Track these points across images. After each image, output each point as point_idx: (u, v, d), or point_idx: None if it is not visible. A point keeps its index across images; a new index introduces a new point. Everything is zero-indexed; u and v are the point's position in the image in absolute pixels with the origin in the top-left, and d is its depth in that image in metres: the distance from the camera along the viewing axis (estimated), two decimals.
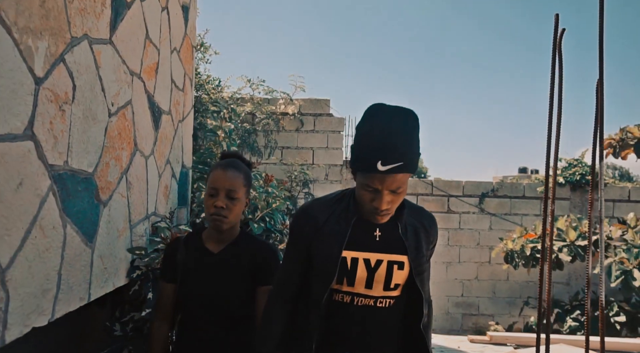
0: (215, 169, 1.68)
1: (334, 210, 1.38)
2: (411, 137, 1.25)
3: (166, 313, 1.68)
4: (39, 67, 1.31)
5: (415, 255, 1.35)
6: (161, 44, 2.38)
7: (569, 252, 5.37)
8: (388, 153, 1.20)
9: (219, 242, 1.66)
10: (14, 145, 1.20)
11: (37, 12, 1.29)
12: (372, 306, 1.35)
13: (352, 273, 1.32)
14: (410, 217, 1.39)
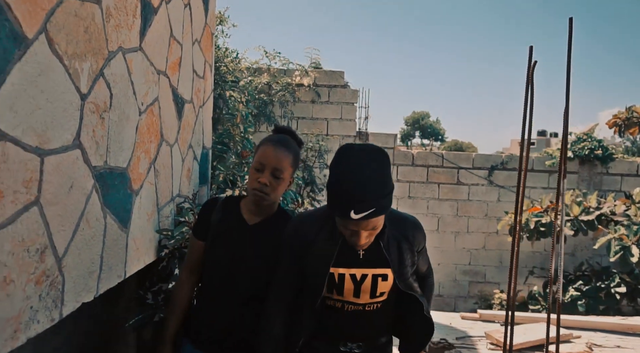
0: (266, 143, 1.63)
1: (322, 229, 1.46)
2: (380, 181, 1.28)
3: (194, 266, 1.72)
4: (84, 85, 1.51)
5: (398, 268, 1.46)
6: (184, 39, 2.55)
7: (572, 226, 5.54)
8: (359, 203, 1.25)
9: (256, 215, 1.67)
10: (65, 155, 1.43)
11: (82, 38, 1.48)
12: (362, 310, 1.49)
13: (340, 286, 1.46)
14: (393, 230, 1.46)
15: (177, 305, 1.72)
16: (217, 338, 1.65)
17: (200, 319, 1.69)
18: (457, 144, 50.51)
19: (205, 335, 1.66)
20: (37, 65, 1.25)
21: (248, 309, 1.62)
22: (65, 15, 1.38)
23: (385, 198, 1.28)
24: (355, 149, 1.31)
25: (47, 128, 1.31)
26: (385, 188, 1.28)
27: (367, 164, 1.28)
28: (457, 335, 2.33)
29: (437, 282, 7.33)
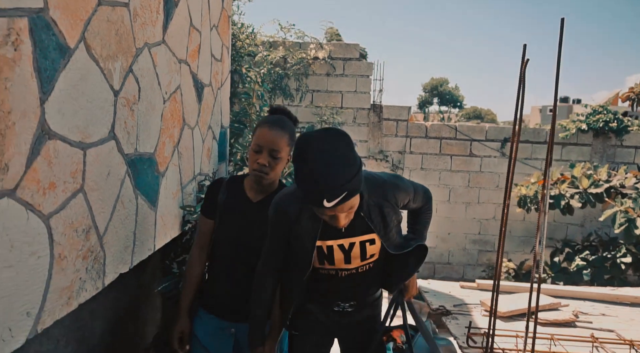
0: (262, 125, 1.69)
1: (303, 208, 1.49)
2: (345, 164, 1.29)
3: (204, 243, 1.83)
4: (116, 82, 1.70)
5: (384, 232, 1.51)
6: (202, 26, 2.69)
7: (580, 198, 5.65)
8: (329, 191, 1.26)
9: (258, 192, 1.76)
10: (103, 147, 1.63)
11: (113, 40, 1.65)
12: (354, 273, 1.57)
13: (330, 256, 1.53)
14: (372, 198, 1.49)
15: (190, 280, 1.83)
16: (227, 304, 1.78)
17: (212, 290, 1.82)
18: (475, 110, 49.70)
19: (218, 303, 1.80)
20: (78, 70, 1.44)
21: (251, 278, 1.72)
22: (99, 22, 1.55)
23: (354, 180, 1.29)
24: (314, 139, 1.31)
25: (87, 125, 1.51)
26: (352, 170, 1.29)
27: (329, 152, 1.28)
28: (455, 303, 2.54)
29: (448, 250, 7.55)
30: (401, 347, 1.60)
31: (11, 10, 1.13)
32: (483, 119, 45.63)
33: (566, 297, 2.67)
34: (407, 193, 1.59)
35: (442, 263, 7.53)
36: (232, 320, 1.78)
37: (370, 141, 7.17)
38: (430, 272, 7.45)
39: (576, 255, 6.56)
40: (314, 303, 1.67)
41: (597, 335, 2.19)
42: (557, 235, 7.22)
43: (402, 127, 7.24)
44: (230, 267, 1.77)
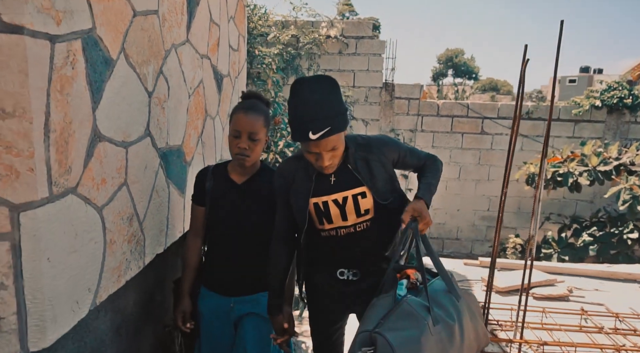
0: (237, 111, 1.80)
1: (298, 168, 1.64)
2: (331, 102, 1.43)
3: (198, 230, 1.94)
4: (150, 84, 1.89)
5: (372, 183, 1.60)
6: (221, 19, 2.85)
7: (589, 176, 5.76)
8: (314, 123, 1.39)
9: (242, 175, 1.88)
10: (141, 144, 1.84)
11: (146, 46, 1.84)
12: (353, 232, 1.64)
13: (327, 213, 1.63)
14: (359, 152, 1.61)
15: (189, 265, 1.95)
16: (224, 282, 1.90)
17: (210, 270, 1.94)
18: (491, 82, 48.91)
19: (216, 281, 1.92)
20: (120, 78, 1.63)
21: (253, 253, 1.86)
22: (135, 32, 1.73)
23: (338, 118, 1.43)
24: (305, 80, 1.45)
25: (128, 126, 1.71)
26: (336, 108, 1.44)
27: (316, 90, 1.42)
28: (457, 279, 2.75)
29: (457, 227, 7.73)
30: (415, 284, 1.52)
31: (69, 34, 1.32)
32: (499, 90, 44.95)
33: (564, 274, 2.86)
34: (394, 148, 1.66)
35: (450, 239, 7.73)
36: (230, 295, 1.89)
37: (382, 120, 7.29)
38: (439, 248, 7.67)
39: (584, 231, 6.70)
40: (320, 273, 1.74)
41: (588, 308, 2.39)
42: (566, 211, 7.35)
43: (413, 106, 7.35)
44: (224, 247, 1.89)
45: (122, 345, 1.81)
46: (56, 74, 1.27)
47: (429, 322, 1.35)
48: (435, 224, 7.85)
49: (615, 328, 2.18)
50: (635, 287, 2.76)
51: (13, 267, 1.22)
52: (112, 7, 1.54)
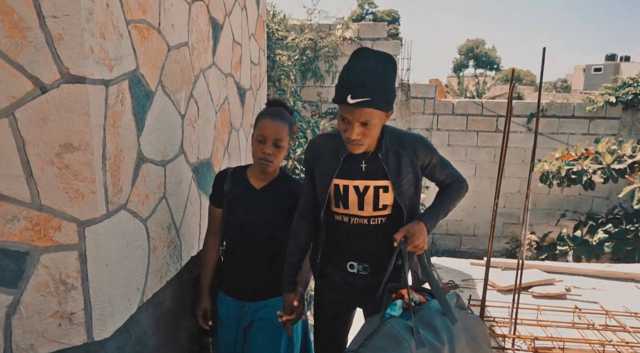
0: (263, 117, 1.83)
1: (331, 145, 1.62)
2: (382, 78, 1.40)
3: (216, 231, 1.98)
4: (182, 108, 2.15)
5: (396, 178, 1.56)
6: (242, 38, 3.10)
7: (603, 173, 5.85)
8: (357, 89, 1.36)
9: (262, 180, 1.91)
10: (176, 161, 2.10)
11: (179, 75, 2.09)
12: (366, 224, 1.62)
13: (345, 197, 1.61)
14: (392, 144, 1.58)
15: (207, 264, 2.01)
16: (240, 286, 1.95)
17: (228, 272, 1.99)
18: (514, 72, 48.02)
19: (232, 285, 1.97)
20: (158, 107, 1.89)
21: (266, 259, 1.90)
22: (169, 64, 1.99)
23: (382, 94, 1.40)
24: (367, 49, 1.45)
25: (165, 147, 1.97)
26: (384, 85, 1.40)
27: (373, 61, 1.41)
28: (463, 278, 2.96)
29: (473, 223, 7.89)
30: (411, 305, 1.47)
31: (119, 77, 1.57)
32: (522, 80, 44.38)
33: (564, 273, 3.04)
34: (428, 151, 1.62)
35: (468, 235, 7.89)
36: (246, 300, 1.95)
37: (399, 119, 7.47)
38: (457, 244, 7.84)
39: (599, 228, 6.78)
40: (330, 263, 1.74)
41: (583, 306, 2.58)
42: (581, 208, 7.44)
43: (429, 105, 7.50)
44: (241, 251, 1.93)
45: (161, 336, 2.08)
46: (110, 111, 1.53)
47: (411, 344, 1.33)
48: (452, 221, 8.01)
49: (605, 325, 2.37)
50: (631, 286, 2.93)
51: (80, 271, 1.49)
52: (151, 47, 1.80)
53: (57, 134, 1.40)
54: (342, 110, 1.44)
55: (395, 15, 31.80)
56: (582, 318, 2.49)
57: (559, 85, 44.27)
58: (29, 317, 1.48)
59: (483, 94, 25.75)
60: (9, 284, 1.44)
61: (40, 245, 1.45)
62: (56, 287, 1.48)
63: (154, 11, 1.80)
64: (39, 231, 1.44)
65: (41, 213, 1.43)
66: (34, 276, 1.46)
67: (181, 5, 2.06)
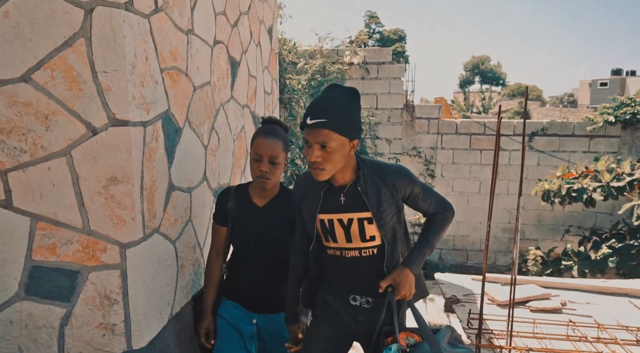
0: (258, 136, 1.87)
1: (312, 183, 1.66)
2: (341, 105, 1.49)
3: (220, 249, 2.00)
4: (205, 139, 2.39)
5: (377, 210, 1.58)
6: (257, 71, 3.35)
7: (602, 191, 6.00)
8: (315, 112, 1.47)
9: (263, 197, 1.95)
10: (200, 187, 2.33)
11: (202, 111, 2.33)
12: (359, 256, 1.65)
13: (332, 231, 1.64)
14: (371, 176, 1.62)
15: (211, 282, 2.00)
16: (247, 299, 1.97)
17: (233, 288, 2.01)
18: (520, 87, 48.64)
19: (238, 298, 1.99)
20: (185, 141, 2.13)
21: (275, 272, 1.94)
22: (195, 102, 2.23)
23: (340, 119, 1.48)
24: (335, 85, 1.57)
25: (191, 175, 2.20)
26: (342, 111, 1.49)
27: (336, 92, 1.53)
28: (465, 293, 3.13)
29: (479, 239, 8.03)
30: (405, 350, 1.53)
31: (154, 118, 1.81)
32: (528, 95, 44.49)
33: (560, 288, 3.21)
34: (409, 182, 1.65)
35: (474, 250, 8.03)
36: (254, 311, 1.96)
37: (404, 139, 7.70)
38: (464, 259, 7.98)
39: (603, 243, 6.88)
40: (331, 293, 1.76)
41: (577, 320, 2.75)
42: (585, 223, 7.56)
43: (433, 125, 7.73)
44: (246, 267, 1.96)
45: (182, 348, 2.28)
46: (147, 148, 1.76)
47: None
48: (459, 237, 8.16)
49: (598, 337, 2.54)
50: (624, 301, 3.09)
51: (122, 288, 1.71)
52: (180, 89, 2.05)
53: (104, 169, 1.63)
54: (305, 134, 1.53)
55: (402, 34, 32.35)
56: (575, 331, 2.65)
57: (566, 100, 44.41)
58: (79, 328, 1.70)
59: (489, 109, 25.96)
60: (63, 299, 1.67)
61: (89, 264, 1.67)
62: (101, 302, 1.70)
63: (182, 58, 2.05)
64: (88, 252, 1.66)
65: (90, 237, 1.66)
66: (84, 292, 1.68)
67: (205, 49, 2.31)
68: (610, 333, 2.57)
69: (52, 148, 1.59)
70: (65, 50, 1.53)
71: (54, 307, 1.66)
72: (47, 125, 1.57)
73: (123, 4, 1.55)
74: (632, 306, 3.00)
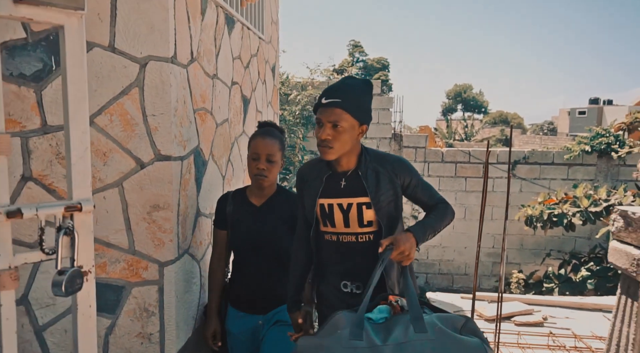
0: (255, 137, 1.98)
1: (314, 170, 1.75)
2: (355, 90, 1.59)
3: (221, 252, 2.10)
4: (223, 170, 2.66)
5: (375, 194, 1.63)
6: (263, 106, 3.67)
7: (581, 216, 6.39)
8: (330, 93, 1.58)
9: (261, 197, 2.04)
10: None
11: (222, 145, 2.62)
12: (355, 242, 1.68)
13: (331, 215, 1.69)
14: (373, 163, 1.68)
15: (214, 287, 2.10)
16: (250, 300, 2.05)
17: (236, 290, 2.08)
18: (501, 115, 49.96)
19: (242, 300, 2.07)
20: (209, 171, 2.40)
21: (276, 271, 2.01)
22: (217, 138, 2.52)
23: (353, 101, 1.57)
24: (350, 76, 1.70)
25: (212, 202, 2.47)
26: (356, 95, 1.59)
27: (351, 80, 1.64)
28: (455, 310, 3.40)
29: (464, 263, 8.33)
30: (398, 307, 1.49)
31: (188, 153, 2.09)
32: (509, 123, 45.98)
33: (541, 304, 3.51)
34: (407, 171, 1.71)
35: (459, 274, 8.32)
36: (257, 313, 2.05)
37: None
38: (450, 283, 8.25)
39: (582, 266, 7.25)
40: (324, 283, 1.80)
41: (557, 332, 3.05)
42: (565, 247, 7.93)
43: (420, 153, 8.11)
44: (247, 268, 2.03)
45: None
46: (182, 179, 2.04)
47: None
48: (444, 261, 8.45)
49: (575, 347, 2.83)
50: (599, 315, 3.40)
51: (158, 301, 1.95)
52: (207, 127, 2.34)
53: (149, 198, 1.90)
54: (318, 114, 1.61)
55: (385, 63, 33.20)
56: (555, 341, 2.95)
57: (546, 128, 45.70)
58: (121, 336, 1.93)
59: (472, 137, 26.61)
60: (109, 311, 1.90)
61: (133, 280, 1.92)
62: (141, 313, 1.94)
63: (209, 99, 2.35)
64: (132, 270, 1.91)
65: (134, 257, 1.91)
66: (127, 304, 1.92)
67: (224, 90, 2.62)
68: (586, 342, 2.86)
69: (108, 180, 1.85)
70: (122, 98, 1.81)
71: (101, 318, 1.89)
72: (105, 161, 1.84)
73: (170, 58, 1.85)
74: (606, 320, 3.30)
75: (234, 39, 2.77)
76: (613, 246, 2.08)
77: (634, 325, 1.92)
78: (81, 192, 1.01)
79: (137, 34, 1.81)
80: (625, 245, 2.03)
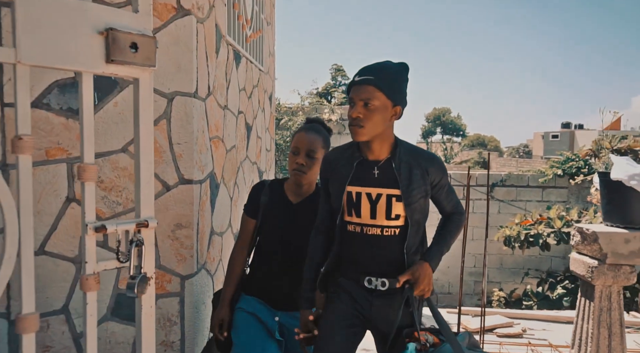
0: (299, 131, 1.91)
1: (343, 155, 1.66)
2: (390, 70, 1.55)
3: (246, 241, 2.01)
4: (231, 192, 2.89)
5: (407, 188, 1.56)
6: (262, 132, 3.92)
7: (555, 236, 6.75)
8: (365, 72, 1.54)
9: (298, 195, 1.94)
10: (227, 232, 2.80)
11: (230, 169, 2.85)
12: (380, 235, 1.60)
13: (358, 205, 1.60)
14: (407, 156, 1.61)
15: (232, 274, 2.00)
16: (270, 296, 1.96)
17: (255, 283, 1.99)
18: (479, 138, 51.26)
19: (262, 293, 1.97)
20: (221, 194, 2.63)
21: (296, 273, 1.83)
22: (227, 162, 2.75)
23: (387, 80, 1.53)
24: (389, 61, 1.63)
25: (222, 222, 2.69)
26: (390, 76, 1.55)
27: (389, 62, 1.60)
28: None
29: (448, 282, 8.60)
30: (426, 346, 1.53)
31: (205, 177, 2.32)
32: (487, 146, 47.15)
33: (521, 318, 3.78)
34: (441, 171, 1.65)
35: (443, 293, 8.57)
36: (277, 308, 1.95)
37: None
38: (434, 301, 8.48)
39: (558, 284, 7.58)
40: (346, 276, 1.69)
41: (535, 342, 3.31)
42: (542, 266, 8.27)
43: None
44: (272, 263, 1.94)
45: None
46: (200, 200, 2.26)
47: None
48: None
49: None
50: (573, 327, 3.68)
51: (180, 312, 2.15)
52: (219, 153, 2.57)
53: (173, 217, 2.12)
54: (350, 94, 1.58)
55: None
56: (534, 350, 3.21)
57: (521, 150, 47.01)
58: None
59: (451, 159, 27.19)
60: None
61: (158, 293, 2.12)
62: (164, 323, 2.13)
63: (221, 128, 2.59)
64: (157, 283, 2.11)
65: (159, 271, 2.12)
66: None
67: (232, 119, 2.87)
68: (561, 351, 3.13)
69: None
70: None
71: (130, 327, 2.08)
72: None
73: (192, 93, 2.10)
74: None
75: (240, 72, 3.04)
76: (573, 257, 2.40)
77: (592, 321, 2.21)
78: (147, 211, 1.23)
79: (167, 73, 2.06)
80: (582, 256, 2.36)
